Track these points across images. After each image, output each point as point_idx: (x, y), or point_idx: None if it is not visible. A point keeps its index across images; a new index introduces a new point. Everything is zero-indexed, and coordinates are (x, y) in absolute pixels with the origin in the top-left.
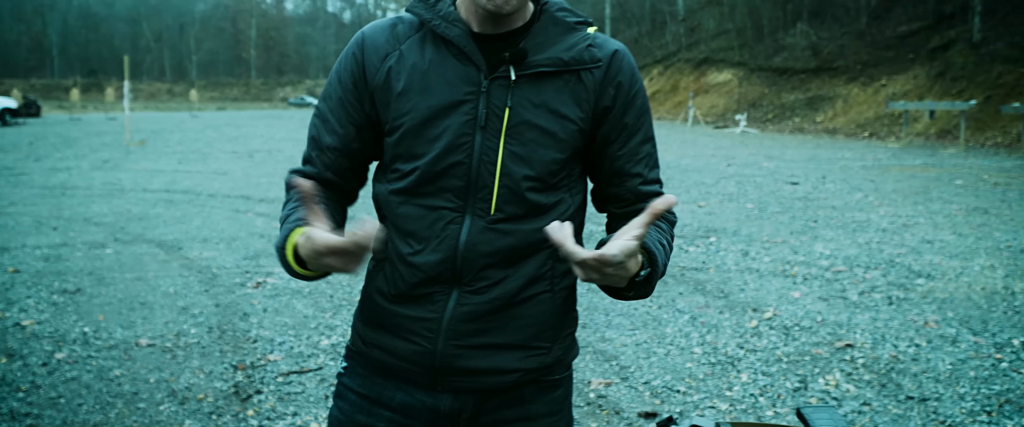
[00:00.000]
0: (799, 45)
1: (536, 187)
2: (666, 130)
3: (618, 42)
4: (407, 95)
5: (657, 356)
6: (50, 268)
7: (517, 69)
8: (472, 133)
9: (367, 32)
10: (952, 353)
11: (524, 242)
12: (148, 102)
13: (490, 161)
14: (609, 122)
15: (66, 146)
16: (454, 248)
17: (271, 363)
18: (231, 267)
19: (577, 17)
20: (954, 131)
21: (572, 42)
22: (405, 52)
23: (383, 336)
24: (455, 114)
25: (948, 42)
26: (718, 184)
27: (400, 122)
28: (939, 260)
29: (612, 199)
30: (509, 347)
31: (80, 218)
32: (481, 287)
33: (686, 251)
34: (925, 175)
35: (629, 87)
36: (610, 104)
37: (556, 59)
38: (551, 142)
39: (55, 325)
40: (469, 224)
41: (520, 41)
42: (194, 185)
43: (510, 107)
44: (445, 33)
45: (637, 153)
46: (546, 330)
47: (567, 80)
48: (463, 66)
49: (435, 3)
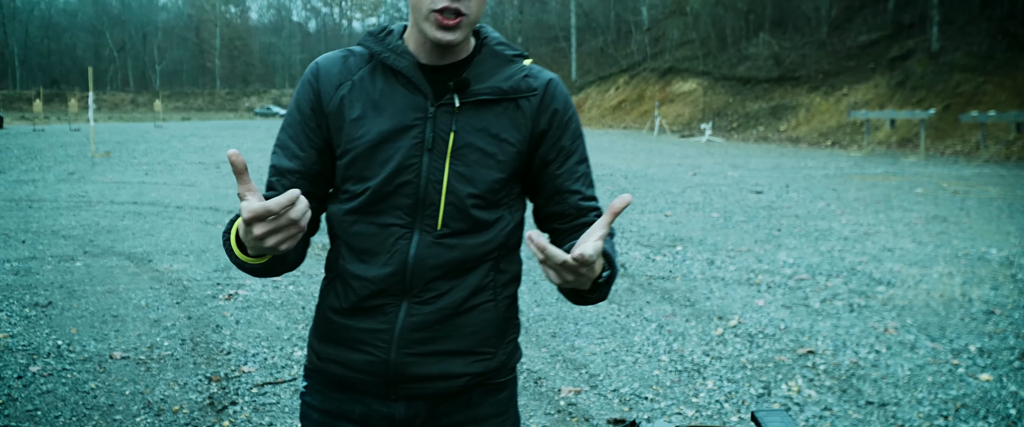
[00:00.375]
0: (762, 55)
1: (479, 204)
2: (633, 139)
3: (551, 72)
4: (360, 121)
5: (625, 364)
6: (20, 282)
7: (461, 97)
8: (420, 155)
9: (321, 63)
10: (911, 359)
11: (469, 255)
12: (112, 112)
13: (437, 180)
14: (546, 144)
15: (30, 158)
16: (404, 262)
17: (245, 374)
18: (202, 279)
19: (514, 50)
20: (915, 139)
21: (510, 73)
22: (357, 82)
23: (337, 350)
24: (404, 138)
25: (907, 52)
26: (684, 193)
27: (352, 145)
28: (899, 268)
29: (555, 216)
30: (457, 353)
31: (48, 231)
32: (429, 298)
33: (653, 260)
34: (886, 183)
35: (563, 112)
36: (546, 128)
37: (496, 88)
38: (492, 163)
39: (28, 338)
40: (417, 239)
41: (463, 72)
42: (162, 197)
43: (454, 131)
44: (394, 64)
45: (575, 172)
46: (491, 336)
47: (506, 107)
48: (411, 94)
49: (384, 37)
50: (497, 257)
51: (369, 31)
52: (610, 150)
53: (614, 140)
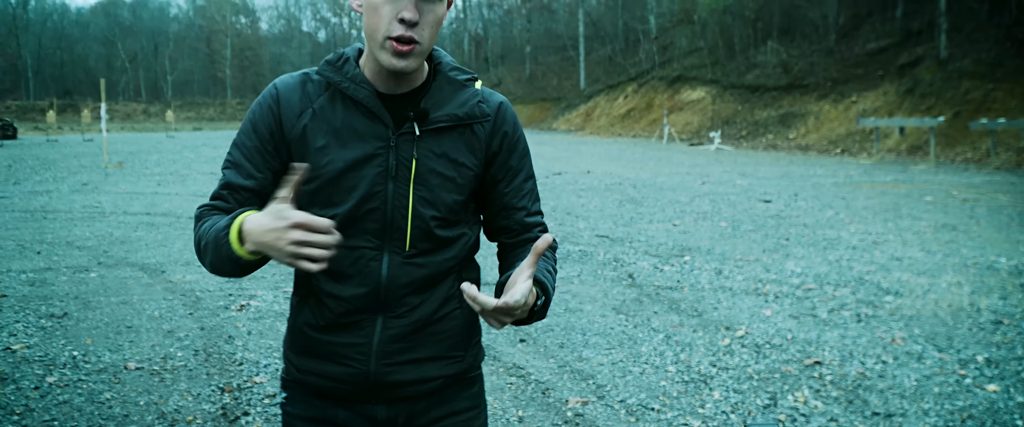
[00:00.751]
0: (770, 63)
1: (442, 225)
2: (642, 148)
3: (500, 94)
4: (324, 150)
5: (632, 374)
6: (36, 292)
7: (420, 126)
8: (385, 182)
9: (281, 89)
10: (918, 369)
11: (436, 271)
12: (124, 123)
13: (402, 206)
14: (496, 164)
15: (45, 168)
16: (378, 282)
17: (257, 385)
18: (214, 290)
19: (466, 74)
20: (924, 147)
21: (464, 98)
22: (318, 110)
23: (317, 363)
24: (368, 166)
25: (916, 59)
26: (692, 202)
27: (318, 173)
28: (907, 277)
29: (502, 230)
30: (431, 359)
31: (63, 242)
32: (403, 312)
33: (661, 270)
34: (896, 191)
35: (512, 134)
36: (497, 150)
37: (452, 115)
38: (452, 186)
39: (45, 349)
40: (388, 260)
41: (420, 99)
42: (174, 207)
43: (416, 158)
44: (354, 94)
45: (521, 189)
46: (460, 340)
47: (462, 132)
48: (372, 123)
49: (342, 65)
50: (459, 269)
51: (326, 59)
52: (619, 159)
53: (623, 149)
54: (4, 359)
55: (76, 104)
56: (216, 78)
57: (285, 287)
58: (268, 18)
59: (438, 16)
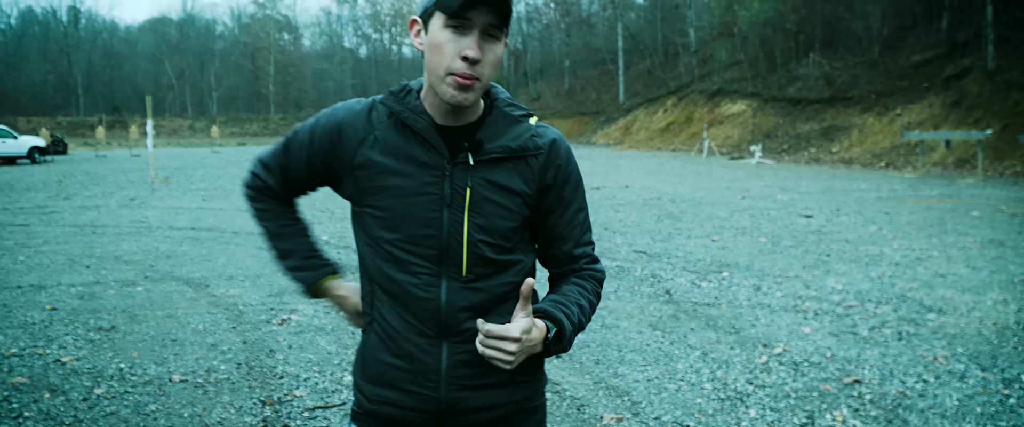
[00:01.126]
0: (812, 75)
1: (496, 250)
2: (681, 162)
3: (555, 130)
4: (383, 176)
5: (668, 391)
6: (85, 306)
7: (475, 156)
8: (440, 210)
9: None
10: (960, 389)
11: (494, 295)
12: (170, 138)
13: (457, 233)
14: (550, 196)
15: (93, 184)
16: (437, 307)
17: (297, 398)
18: (256, 304)
19: (521, 110)
20: (972, 160)
21: (518, 132)
22: (379, 138)
23: (387, 391)
24: (425, 194)
25: (962, 71)
26: (732, 217)
27: (379, 198)
28: (951, 295)
29: (551, 260)
30: (499, 385)
31: (111, 256)
32: (467, 336)
33: (698, 287)
34: (941, 206)
35: (565, 167)
36: (551, 182)
37: (506, 147)
38: (505, 213)
39: (93, 361)
40: (446, 285)
41: (476, 132)
42: (218, 222)
43: (470, 187)
44: (413, 124)
45: (573, 221)
46: (525, 365)
47: (516, 163)
48: (429, 153)
49: (404, 97)
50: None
51: (391, 90)
52: (657, 173)
53: (662, 163)
54: (54, 371)
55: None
56: (260, 94)
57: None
58: (311, 35)
59: (497, 55)
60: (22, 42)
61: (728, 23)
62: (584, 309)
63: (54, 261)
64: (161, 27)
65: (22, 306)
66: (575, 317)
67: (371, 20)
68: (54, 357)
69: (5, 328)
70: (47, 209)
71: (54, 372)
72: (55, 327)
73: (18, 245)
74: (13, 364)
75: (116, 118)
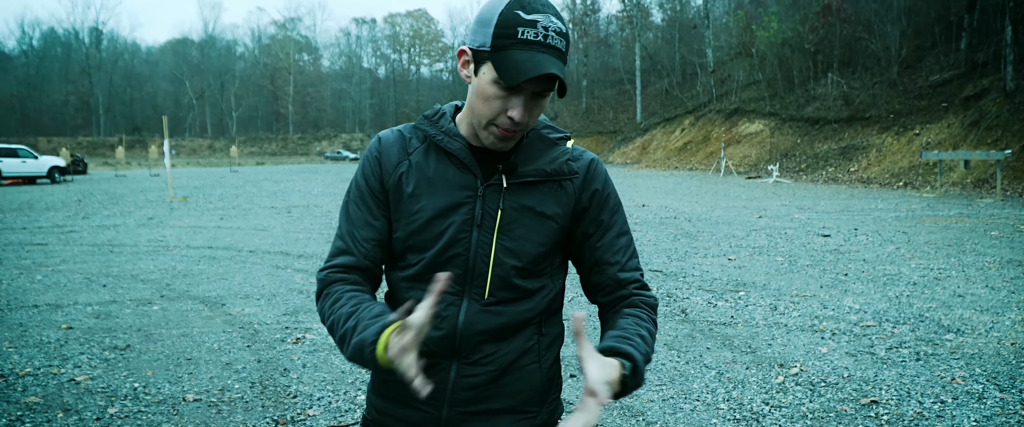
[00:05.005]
0: (830, 95)
1: (522, 275)
2: (698, 181)
3: (592, 153)
4: (416, 197)
5: (683, 411)
6: (101, 325)
7: (508, 178)
8: (470, 230)
9: (383, 141)
10: (978, 410)
11: (514, 320)
12: (190, 158)
13: (485, 254)
14: (587, 220)
15: (112, 203)
16: (454, 326)
17: (311, 418)
18: (272, 323)
19: (558, 133)
20: (990, 180)
21: (554, 156)
22: (413, 161)
23: (394, 406)
24: (456, 214)
25: (981, 91)
26: (749, 237)
27: (410, 220)
28: (970, 315)
29: (597, 288)
30: (505, 411)
31: (128, 275)
32: (478, 359)
33: (715, 306)
34: (959, 226)
35: (603, 190)
36: (587, 205)
37: (540, 171)
38: (536, 237)
39: (107, 381)
40: (466, 306)
41: (511, 154)
42: (235, 241)
43: (502, 209)
44: (447, 147)
45: (614, 245)
46: (536, 395)
47: (550, 187)
48: (462, 174)
49: (437, 120)
50: (540, 321)
51: (425, 115)
52: (674, 192)
53: (679, 182)
54: (69, 390)
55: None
56: (279, 114)
57: None
58: (330, 55)
59: (543, 107)
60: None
61: (746, 43)
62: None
63: (71, 280)
64: (182, 48)
65: (38, 325)
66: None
67: (390, 41)
68: (69, 376)
69: (21, 347)
70: (66, 228)
71: (68, 391)
72: (70, 346)
73: (36, 264)
74: (27, 383)
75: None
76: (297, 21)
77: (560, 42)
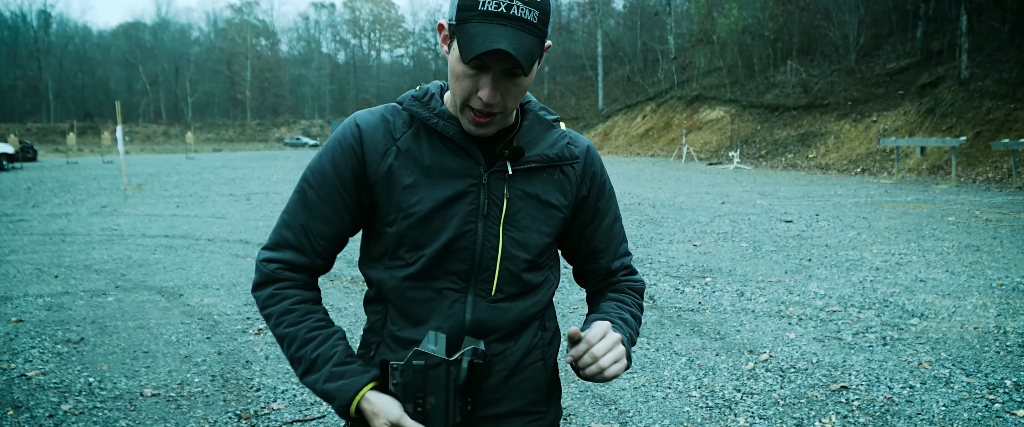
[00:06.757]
0: (789, 82)
1: (529, 268)
2: (660, 167)
3: (585, 138)
4: (413, 189)
5: (656, 400)
6: (53, 317)
7: (513, 164)
8: (475, 221)
9: (363, 127)
10: (946, 394)
11: (521, 316)
12: (144, 144)
13: (492, 246)
14: (586, 209)
15: (64, 191)
16: (461, 325)
17: (275, 412)
18: (232, 314)
19: (553, 115)
20: (945, 167)
21: (553, 139)
22: (403, 148)
23: None
24: (459, 204)
25: (937, 79)
26: (713, 222)
27: (409, 212)
28: (932, 299)
29: (589, 275)
30: (514, 414)
31: (81, 265)
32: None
33: (682, 292)
34: (917, 212)
35: (600, 177)
36: (586, 194)
37: (543, 156)
38: (542, 228)
39: (60, 376)
40: (472, 303)
41: (509, 138)
42: (193, 230)
43: (508, 198)
44: (444, 131)
45: (609, 233)
46: (543, 395)
47: (552, 173)
48: (463, 161)
49: (428, 101)
50: (542, 316)
51: (411, 94)
52: (637, 178)
53: (641, 168)
54: (19, 386)
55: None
56: (236, 100)
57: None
58: (288, 40)
59: (521, 87)
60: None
61: (707, 30)
62: (629, 322)
63: (21, 271)
64: (135, 32)
65: None
66: (624, 330)
67: (350, 25)
68: (19, 372)
69: None
70: (14, 217)
71: (19, 388)
72: (20, 340)
73: None
74: None
75: (88, 124)
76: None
77: (529, 13)
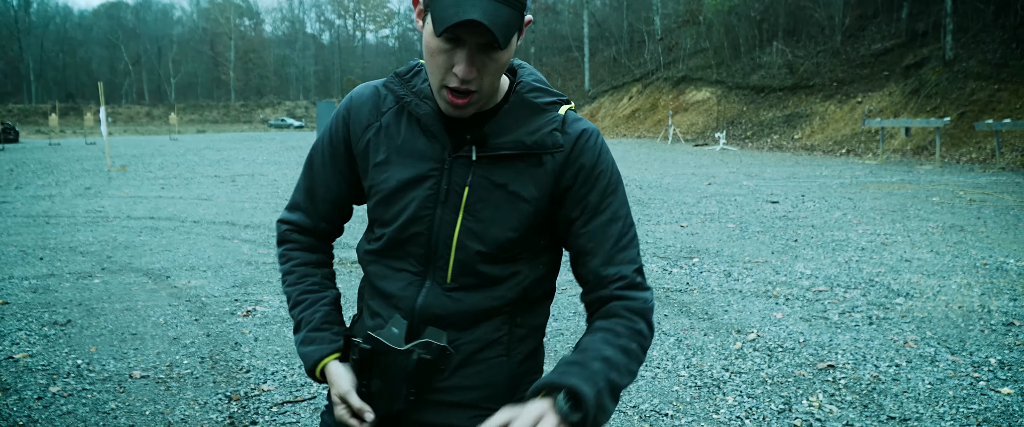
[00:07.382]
0: (775, 63)
1: (487, 260)
2: (647, 148)
3: (588, 122)
4: (383, 166)
5: (644, 379)
6: (39, 299)
7: (479, 150)
8: (433, 207)
9: (354, 100)
10: (931, 372)
11: (476, 308)
12: (127, 126)
13: (447, 235)
14: (570, 201)
15: (47, 172)
16: (412, 308)
17: (265, 393)
18: (220, 295)
19: (550, 97)
20: (930, 147)
21: (538, 125)
22: (384, 124)
23: None
24: (420, 187)
25: (921, 60)
26: (699, 203)
27: (376, 189)
28: (917, 279)
29: (579, 279)
30: (460, 405)
31: (66, 247)
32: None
33: (670, 273)
34: (902, 192)
35: (592, 168)
36: (570, 184)
37: (518, 142)
38: (505, 221)
39: (48, 358)
40: (428, 288)
41: (487, 122)
42: (178, 212)
43: (470, 185)
44: (415, 110)
45: (602, 234)
46: (498, 393)
47: (528, 161)
48: (430, 143)
49: (410, 79)
50: (512, 311)
51: (396, 71)
52: (624, 160)
53: (628, 149)
54: (6, 369)
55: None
56: (220, 81)
57: None
58: (272, 20)
59: (500, 64)
60: None
61: (693, 11)
62: (611, 362)
63: (5, 253)
64: (116, 12)
65: None
66: (598, 379)
67: (334, 5)
68: (6, 354)
69: None
70: None
71: (6, 370)
72: (6, 322)
73: None
74: None
75: (70, 105)
76: None
77: None
